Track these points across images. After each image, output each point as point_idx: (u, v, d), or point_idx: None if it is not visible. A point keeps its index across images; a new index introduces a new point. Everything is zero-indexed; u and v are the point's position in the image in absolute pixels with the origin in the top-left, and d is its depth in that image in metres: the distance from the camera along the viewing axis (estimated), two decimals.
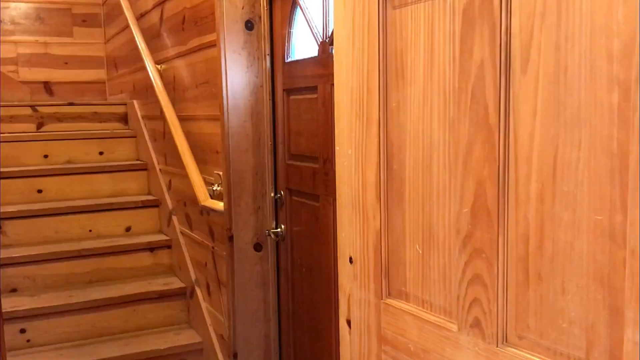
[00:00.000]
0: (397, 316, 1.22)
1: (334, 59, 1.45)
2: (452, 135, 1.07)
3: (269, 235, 2.50)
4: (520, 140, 0.95)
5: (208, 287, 2.89)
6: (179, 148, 2.89)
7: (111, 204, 3.53)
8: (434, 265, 1.14)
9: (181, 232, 3.25)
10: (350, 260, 1.40)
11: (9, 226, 3.27)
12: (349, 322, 1.39)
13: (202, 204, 2.63)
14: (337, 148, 1.54)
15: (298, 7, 2.32)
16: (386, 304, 1.25)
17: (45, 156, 3.77)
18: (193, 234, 3.06)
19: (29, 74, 4.81)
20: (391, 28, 1.21)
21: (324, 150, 2.19)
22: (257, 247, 2.51)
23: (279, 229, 2.49)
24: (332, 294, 2.16)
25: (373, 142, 1.28)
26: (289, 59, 2.39)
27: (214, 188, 2.60)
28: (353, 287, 1.36)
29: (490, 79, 0.99)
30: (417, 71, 1.15)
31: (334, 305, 2.16)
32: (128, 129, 4.17)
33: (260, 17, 2.45)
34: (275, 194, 2.53)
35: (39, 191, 3.55)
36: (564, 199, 0.87)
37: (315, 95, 2.23)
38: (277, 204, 2.53)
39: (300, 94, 2.34)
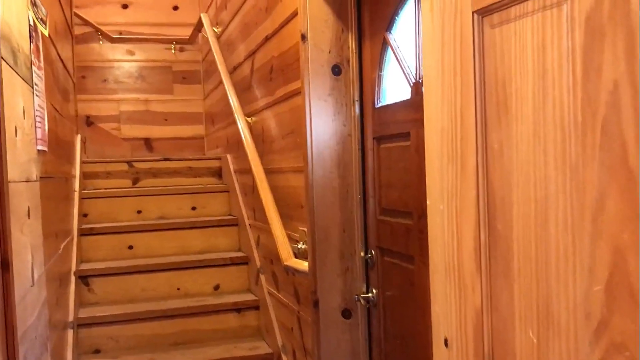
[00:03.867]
0: None
1: (423, 94, 1.21)
2: (576, 184, 0.80)
3: (359, 300, 2.24)
4: None
5: (294, 354, 2.66)
6: (264, 202, 2.73)
7: (200, 260, 3.41)
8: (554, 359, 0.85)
9: (268, 292, 3.06)
10: (446, 343, 1.13)
11: (97, 283, 3.22)
12: None
13: (285, 263, 2.42)
14: (428, 202, 1.28)
15: (389, 47, 2.11)
16: None
17: (139, 212, 3.75)
18: (280, 295, 2.86)
19: (130, 130, 4.91)
20: (489, 51, 0.97)
21: (418, 204, 1.93)
22: (346, 313, 2.26)
23: (370, 294, 2.23)
24: None
25: (470, 194, 1.02)
26: (379, 104, 2.18)
27: (299, 246, 2.39)
28: None
29: (628, 106, 0.72)
30: (524, 102, 0.90)
31: None
32: (221, 184, 4.10)
33: (348, 61, 2.27)
34: (366, 253, 2.28)
35: (130, 247, 3.51)
36: None
37: (407, 143, 2.00)
38: (367, 264, 2.28)
39: (391, 141, 2.11)
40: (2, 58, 1.35)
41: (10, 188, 1.39)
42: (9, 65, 1.42)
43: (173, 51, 5.00)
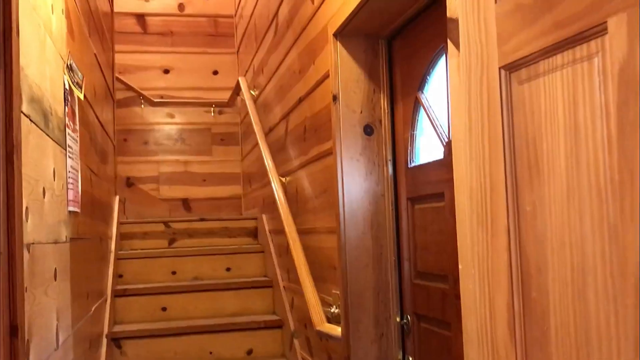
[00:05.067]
0: None
1: (452, 152, 1.16)
2: (615, 249, 0.73)
3: None
4: None
5: None
6: (296, 264, 2.68)
7: (233, 323, 3.35)
8: None
9: (302, 358, 2.96)
10: None
11: (129, 346, 3.18)
12: None
13: (317, 328, 2.34)
14: (460, 266, 1.22)
15: (421, 107, 2.09)
16: None
17: (174, 272, 3.73)
18: None
19: (169, 191, 4.95)
20: (518, 108, 0.92)
21: (454, 267, 1.86)
22: None
23: None
24: None
25: (501, 258, 0.96)
26: (413, 164, 2.14)
27: (332, 310, 2.32)
28: None
29: None
30: (557, 161, 0.84)
31: None
32: (257, 244, 4.07)
33: (380, 121, 2.24)
34: (401, 318, 2.19)
35: (164, 309, 3.47)
36: None
37: (442, 204, 1.94)
38: (403, 330, 2.19)
39: (425, 202, 2.06)
40: (32, 121, 1.37)
41: (35, 249, 1.38)
42: (39, 128, 1.44)
43: (212, 114, 5.08)
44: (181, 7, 5.14)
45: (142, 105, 4.93)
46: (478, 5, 1.00)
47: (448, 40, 1.18)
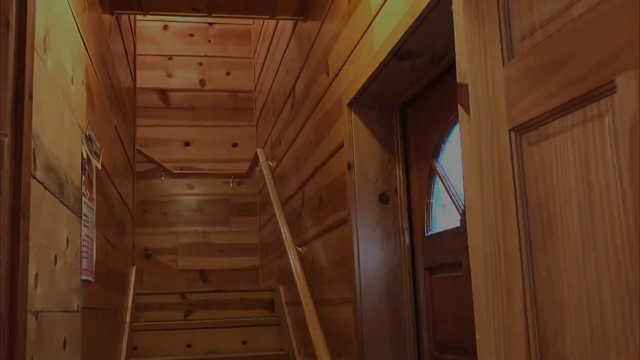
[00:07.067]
0: None
1: (466, 218, 1.14)
2: (637, 312, 0.70)
3: None
4: None
5: None
6: (313, 337, 2.61)
7: None
8: None
9: None
10: None
11: None
12: None
13: None
14: (477, 336, 1.17)
15: (437, 175, 2.08)
16: None
17: (189, 345, 3.66)
18: None
19: (187, 262, 4.93)
20: (529, 169, 0.91)
21: (474, 339, 1.79)
22: None
23: None
24: None
25: (518, 325, 0.92)
26: (430, 233, 2.11)
27: None
28: None
29: None
30: (571, 223, 0.82)
31: None
32: (273, 316, 3.99)
33: (396, 190, 2.23)
34: None
35: None
36: None
37: (460, 273, 1.90)
38: None
39: (443, 271, 2.02)
40: (46, 188, 1.38)
41: (43, 317, 1.36)
42: (54, 195, 1.45)
43: (231, 185, 5.12)
44: (202, 82, 5.27)
45: (163, 177, 4.98)
46: (486, 70, 1.01)
47: (458, 106, 1.18)
